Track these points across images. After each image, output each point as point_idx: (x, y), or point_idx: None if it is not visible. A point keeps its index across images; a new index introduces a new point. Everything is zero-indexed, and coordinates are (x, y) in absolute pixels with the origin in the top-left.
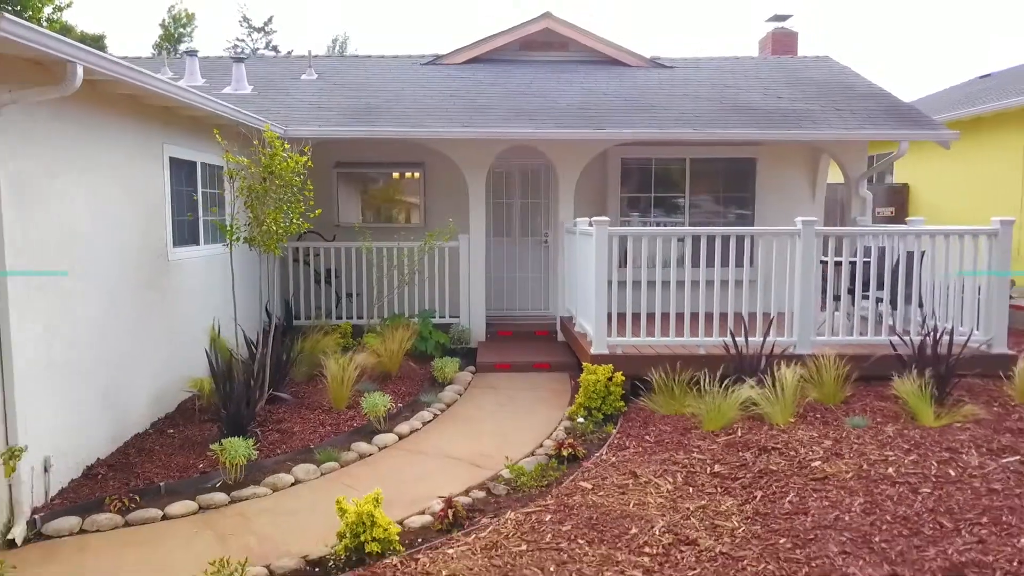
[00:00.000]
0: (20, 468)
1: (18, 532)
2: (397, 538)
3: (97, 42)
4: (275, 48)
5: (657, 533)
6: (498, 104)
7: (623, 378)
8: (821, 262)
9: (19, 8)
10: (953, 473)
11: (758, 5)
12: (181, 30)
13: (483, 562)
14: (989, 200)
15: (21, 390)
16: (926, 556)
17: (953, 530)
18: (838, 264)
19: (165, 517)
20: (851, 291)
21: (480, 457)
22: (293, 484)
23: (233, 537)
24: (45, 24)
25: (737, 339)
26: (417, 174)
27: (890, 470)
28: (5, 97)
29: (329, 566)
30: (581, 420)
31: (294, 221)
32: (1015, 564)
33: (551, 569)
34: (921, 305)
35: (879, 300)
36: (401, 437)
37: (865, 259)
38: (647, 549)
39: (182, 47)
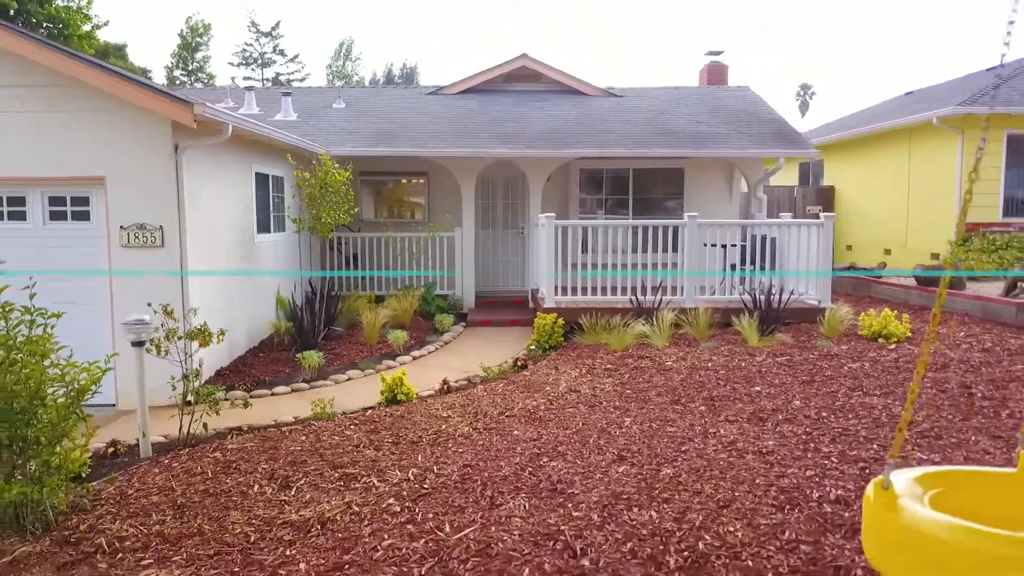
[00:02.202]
0: (193, 359)
1: (192, 398)
2: (415, 396)
3: (119, 51)
4: (282, 52)
5: (560, 389)
6: (484, 129)
7: (563, 322)
8: (721, 246)
9: (61, 26)
10: (744, 365)
11: (727, 36)
12: (198, 39)
13: (461, 399)
14: (888, 200)
15: (191, 316)
16: (700, 395)
17: (723, 386)
18: (723, 247)
19: (272, 394)
20: (732, 265)
21: (466, 367)
22: (347, 380)
23: (317, 402)
24: (83, 40)
25: (639, 297)
26: (422, 180)
27: (708, 364)
28: (189, 143)
29: (375, 407)
30: (533, 348)
31: (340, 216)
32: (743, 394)
33: (498, 400)
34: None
35: (743, 269)
36: (414, 359)
37: (734, 243)
38: (551, 394)
39: (199, 55)
